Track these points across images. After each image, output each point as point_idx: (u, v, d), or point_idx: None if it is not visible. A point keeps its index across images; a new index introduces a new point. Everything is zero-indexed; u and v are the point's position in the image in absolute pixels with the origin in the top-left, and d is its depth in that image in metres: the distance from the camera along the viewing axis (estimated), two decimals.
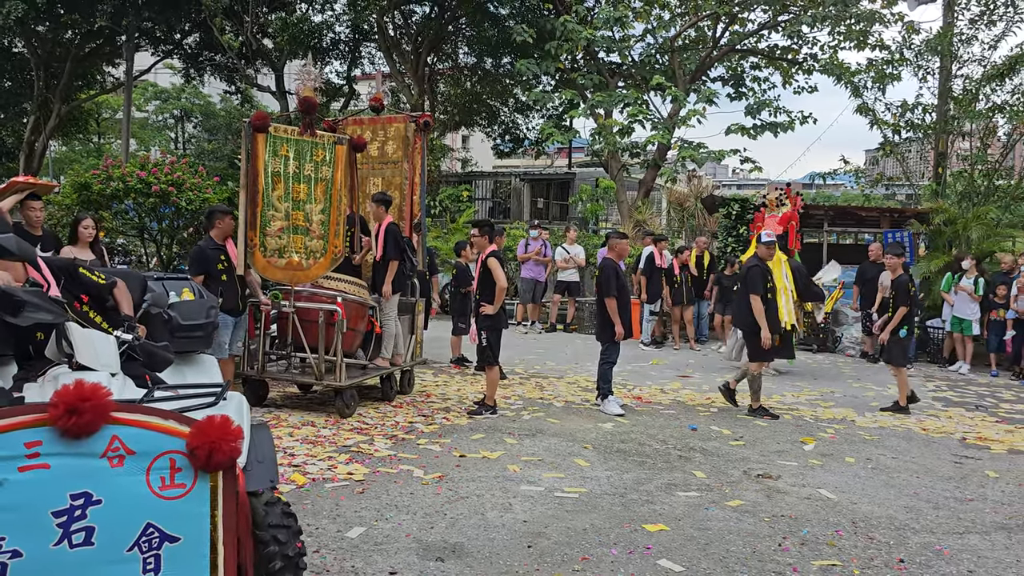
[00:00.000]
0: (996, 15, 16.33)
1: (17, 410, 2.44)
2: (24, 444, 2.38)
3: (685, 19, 18.59)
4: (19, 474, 2.36)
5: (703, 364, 11.75)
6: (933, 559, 4.50)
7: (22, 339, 3.31)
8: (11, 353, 3.34)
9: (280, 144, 7.15)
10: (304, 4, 20.76)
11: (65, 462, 2.41)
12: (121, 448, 2.48)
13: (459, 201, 22.51)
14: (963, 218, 14.37)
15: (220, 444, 2.55)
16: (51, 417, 2.41)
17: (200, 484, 2.58)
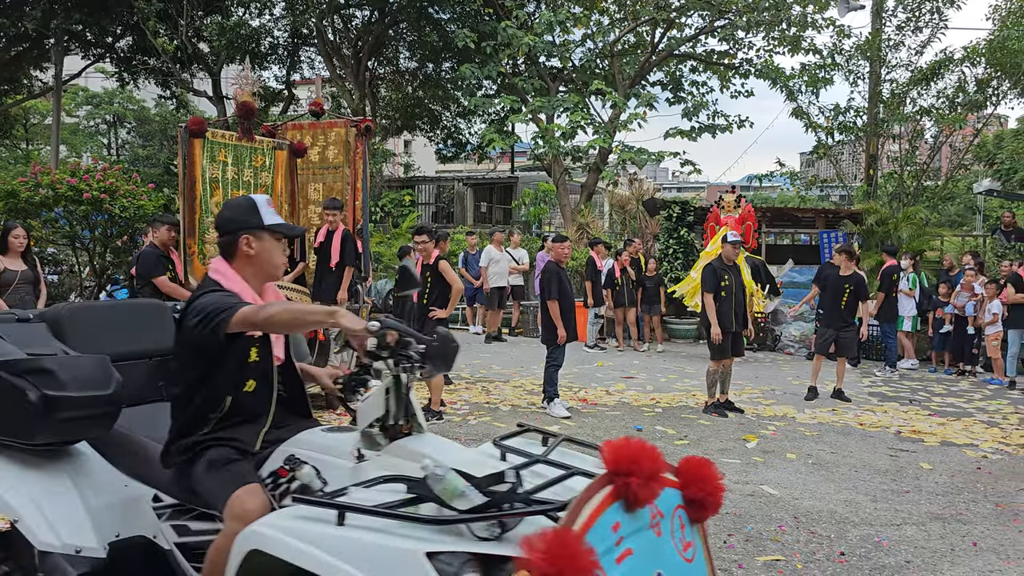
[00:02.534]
0: (922, 22, 16.89)
1: (591, 488, 1.99)
2: (611, 529, 1.97)
3: (624, 24, 18.84)
4: (617, 567, 1.94)
5: (647, 365, 11.88)
6: (872, 551, 4.62)
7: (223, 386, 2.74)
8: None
9: (218, 149, 7.03)
10: (241, 8, 20.41)
11: (640, 541, 2.05)
12: (657, 514, 2.14)
13: (402, 206, 22.39)
14: (894, 218, 14.83)
15: (713, 491, 2.32)
16: (618, 487, 2.02)
17: (697, 539, 2.31)
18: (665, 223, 15.81)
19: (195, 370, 2.70)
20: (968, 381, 11.23)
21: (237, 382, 2.74)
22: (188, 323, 2.64)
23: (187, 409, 2.72)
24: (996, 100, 17.24)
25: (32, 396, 2.63)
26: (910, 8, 16.91)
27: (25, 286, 7.20)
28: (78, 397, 2.68)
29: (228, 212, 2.86)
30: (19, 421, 2.68)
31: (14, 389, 2.66)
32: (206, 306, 2.59)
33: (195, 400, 2.70)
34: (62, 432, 2.76)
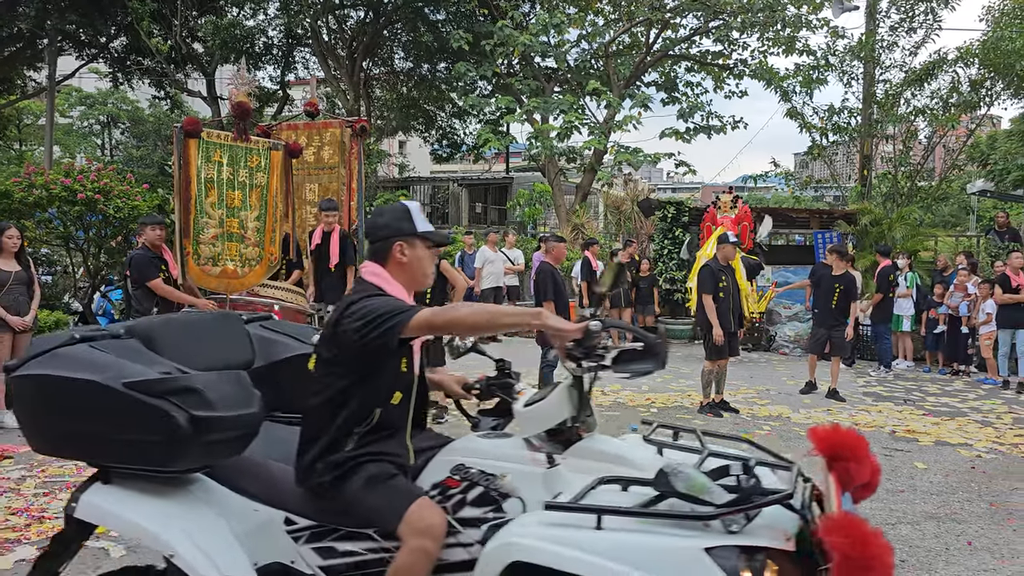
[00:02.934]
0: (916, 22, 16.96)
1: (825, 475, 2.09)
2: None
3: (619, 25, 18.86)
4: None
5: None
6: None
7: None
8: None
9: (213, 150, 7.01)
10: (235, 8, 20.38)
11: None
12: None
13: None
14: (888, 219, 14.87)
15: (874, 471, 2.31)
16: (839, 471, 2.11)
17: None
18: (660, 224, 15.82)
19: (344, 380, 2.55)
20: (962, 381, 11.26)
21: (387, 393, 2.62)
22: (347, 327, 2.49)
23: (332, 422, 2.57)
24: (989, 101, 17.31)
25: (179, 418, 2.35)
26: (904, 9, 16.98)
27: (19, 287, 7.18)
28: (227, 417, 2.44)
29: (381, 218, 2.75)
30: (159, 446, 2.40)
31: (155, 411, 2.36)
32: (374, 309, 2.46)
33: (341, 413, 2.56)
34: (206, 456, 2.51)
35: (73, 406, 2.45)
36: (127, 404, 2.37)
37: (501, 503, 2.44)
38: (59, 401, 2.47)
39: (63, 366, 2.46)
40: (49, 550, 2.62)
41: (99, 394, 2.39)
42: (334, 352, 2.57)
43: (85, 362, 2.47)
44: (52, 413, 2.50)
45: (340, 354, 2.55)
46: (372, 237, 2.75)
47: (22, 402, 2.56)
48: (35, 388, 2.50)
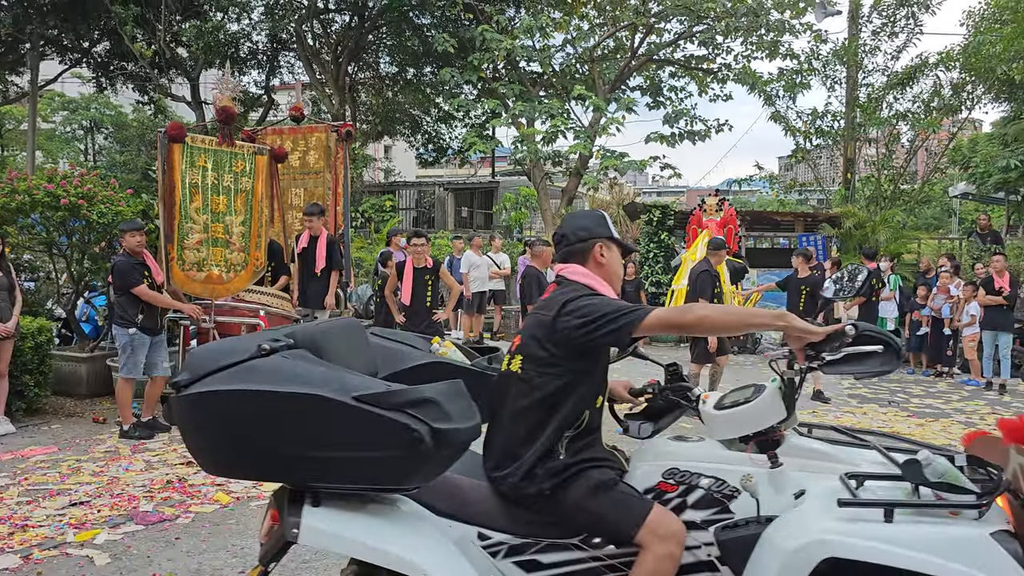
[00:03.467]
0: (897, 27, 17.11)
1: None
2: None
3: (604, 30, 18.91)
4: None
5: (628, 369, 11.90)
6: None
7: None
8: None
9: (198, 155, 6.98)
10: (220, 13, 20.30)
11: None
12: None
13: (383, 211, 22.36)
14: (871, 221, 14.99)
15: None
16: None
17: None
18: (645, 227, 15.88)
19: (560, 379, 2.53)
20: (946, 382, 11.35)
21: (595, 396, 2.61)
22: (566, 325, 2.48)
23: (545, 427, 2.52)
24: (971, 104, 17.50)
25: (422, 432, 2.19)
26: (885, 14, 17.13)
27: (0, 293, 7.12)
28: (461, 429, 2.27)
29: (581, 221, 2.79)
30: (398, 462, 2.24)
31: (394, 425, 2.19)
32: (599, 308, 2.46)
33: (555, 416, 2.53)
34: (436, 471, 2.36)
35: (293, 424, 2.22)
36: (361, 419, 2.19)
37: (727, 504, 2.48)
38: (275, 419, 2.23)
39: (270, 380, 2.23)
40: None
41: (329, 409, 2.19)
42: (550, 351, 2.53)
43: (296, 375, 2.25)
44: (260, 431, 2.24)
45: (558, 353, 2.52)
46: (572, 238, 2.74)
47: (207, 419, 2.27)
48: (233, 404, 2.23)
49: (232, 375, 2.26)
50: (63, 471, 5.88)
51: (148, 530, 4.73)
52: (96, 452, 6.45)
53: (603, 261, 2.71)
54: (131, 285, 6.77)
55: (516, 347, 2.66)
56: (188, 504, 5.19)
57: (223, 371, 2.27)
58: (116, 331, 6.89)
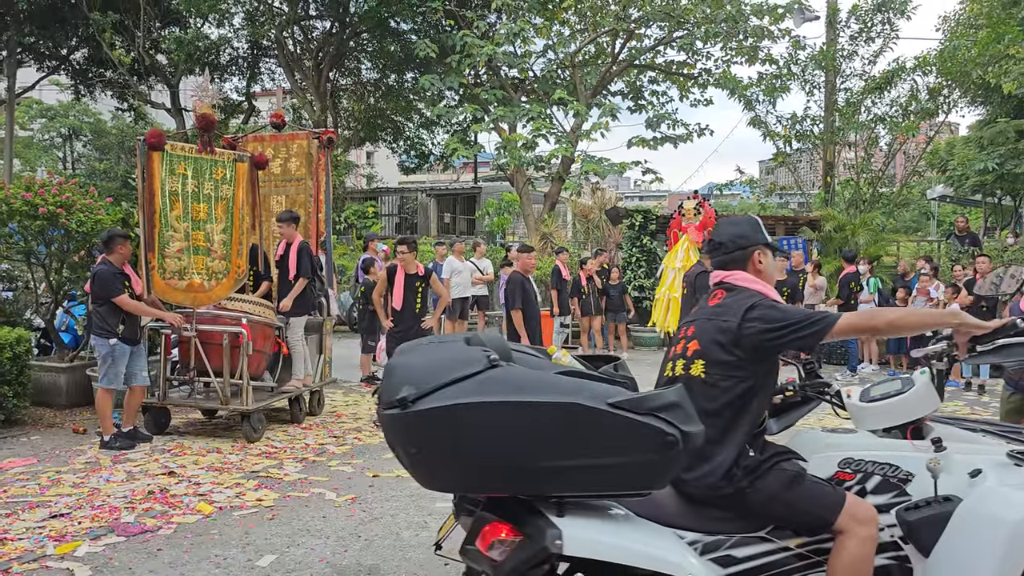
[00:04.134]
0: (874, 32, 17.28)
1: None
2: None
3: (585, 35, 18.99)
4: None
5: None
6: None
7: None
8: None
9: (177, 162, 6.94)
10: (199, 20, 20.22)
11: None
12: None
13: (365, 217, 22.30)
14: (851, 224, 15.11)
15: None
16: None
17: None
18: (628, 232, 15.93)
19: (747, 382, 2.66)
20: None
21: (771, 395, 2.84)
22: (753, 330, 2.63)
23: (737, 427, 2.64)
24: (947, 108, 17.69)
25: (674, 435, 2.23)
26: (862, 19, 17.30)
27: None
28: (699, 432, 2.34)
29: (738, 228, 2.93)
30: (651, 467, 2.28)
31: (649, 430, 2.22)
32: (789, 315, 2.63)
33: (745, 416, 2.66)
34: (676, 473, 2.41)
35: (552, 433, 2.20)
36: (618, 424, 2.20)
37: (904, 487, 2.71)
38: (530, 429, 2.19)
39: (518, 391, 2.20)
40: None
41: (587, 417, 2.19)
42: (737, 355, 2.66)
43: (543, 384, 2.25)
44: (513, 443, 2.20)
45: (744, 357, 2.66)
46: (731, 246, 2.88)
47: (450, 433, 2.19)
48: (482, 417, 2.17)
49: (468, 388, 2.20)
50: (42, 483, 5.83)
51: (129, 541, 4.70)
52: (76, 463, 6.39)
53: (761, 267, 2.88)
54: (112, 295, 6.72)
55: (692, 352, 2.76)
56: (170, 515, 5.15)
57: (454, 384, 2.21)
58: (96, 341, 6.84)
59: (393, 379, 2.27)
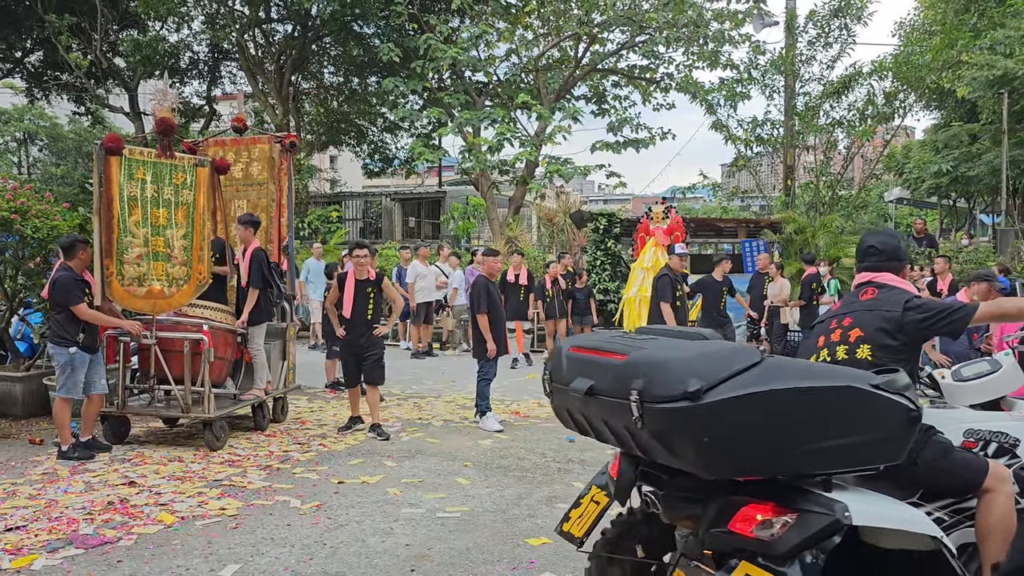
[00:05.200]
0: (832, 37, 17.57)
1: None
2: None
3: (548, 39, 19.07)
4: None
5: None
6: None
7: None
8: None
9: (136, 167, 6.83)
10: (158, 23, 19.93)
11: None
12: None
13: (329, 222, 22.13)
14: (811, 227, 15.32)
15: None
16: None
17: None
18: (592, 235, 16.01)
19: (908, 363, 3.15)
20: None
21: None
22: (913, 319, 3.16)
23: None
24: (903, 112, 18.03)
25: (917, 412, 2.57)
26: (820, 25, 17.57)
27: None
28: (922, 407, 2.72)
29: (897, 241, 3.48)
30: (893, 441, 2.55)
31: (900, 407, 2.53)
32: (939, 306, 3.18)
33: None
34: (909, 446, 2.66)
35: (833, 415, 2.45)
36: (882, 404, 2.50)
37: (1015, 451, 3.21)
38: (818, 413, 2.43)
39: (800, 378, 2.44)
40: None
41: (862, 398, 2.47)
42: (900, 340, 3.17)
43: (812, 372, 2.56)
44: (804, 427, 2.42)
45: (906, 342, 3.17)
46: (891, 254, 3.43)
47: (746, 421, 2.37)
48: (769, 404, 2.37)
49: (751, 378, 2.40)
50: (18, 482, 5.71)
51: (88, 554, 4.61)
52: (33, 474, 6.26)
53: (903, 273, 3.47)
54: (71, 302, 6.59)
55: (855, 339, 3.23)
56: (130, 526, 5.07)
57: (739, 375, 2.40)
58: (54, 350, 6.70)
59: (666, 374, 2.42)
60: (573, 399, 2.77)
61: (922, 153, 22.83)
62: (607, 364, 2.65)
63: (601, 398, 2.62)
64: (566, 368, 2.87)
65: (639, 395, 2.43)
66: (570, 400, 2.82)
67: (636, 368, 2.49)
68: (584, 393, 2.66)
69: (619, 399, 2.50)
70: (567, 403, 2.87)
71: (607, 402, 2.60)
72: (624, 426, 2.55)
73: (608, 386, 2.59)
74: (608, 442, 2.77)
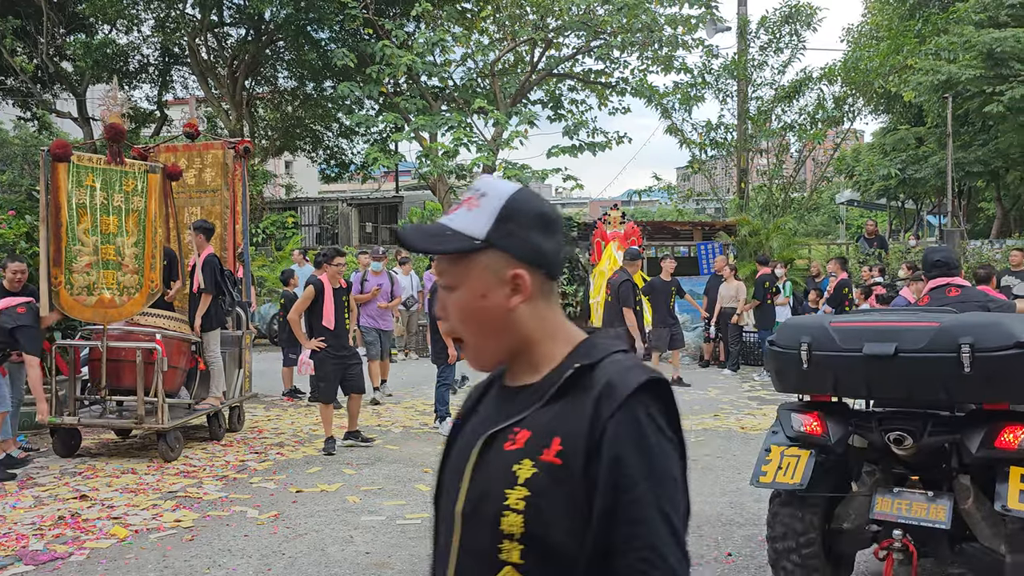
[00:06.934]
0: (782, 43, 17.87)
1: None
2: None
3: (503, 44, 19.10)
4: None
5: None
6: (756, 550, 4.80)
7: None
8: None
9: (85, 174, 6.70)
10: (107, 26, 19.53)
11: None
12: None
13: (284, 228, 21.89)
14: (765, 229, 15.56)
15: None
16: None
17: None
18: None
19: None
20: None
21: None
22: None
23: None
24: (852, 116, 18.40)
25: None
26: (771, 30, 17.87)
27: None
28: None
29: (954, 253, 4.56)
30: None
31: None
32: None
33: None
34: None
35: None
36: None
37: None
38: None
39: None
40: None
41: None
42: None
43: None
44: None
45: None
46: (954, 263, 4.57)
47: None
48: None
49: None
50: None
51: (39, 570, 4.49)
52: None
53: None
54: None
55: None
56: (82, 540, 4.95)
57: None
58: None
59: (996, 332, 3.31)
60: (855, 360, 3.51)
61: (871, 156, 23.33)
62: (916, 329, 3.45)
63: (912, 355, 3.38)
64: (840, 339, 3.58)
65: (972, 348, 3.23)
66: (851, 362, 3.54)
67: (964, 328, 3.34)
68: (892, 354, 3.40)
69: (943, 354, 3.31)
70: (841, 365, 3.60)
71: (919, 358, 3.38)
72: (938, 376, 3.38)
73: (925, 345, 3.37)
74: (876, 396, 3.81)
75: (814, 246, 19.11)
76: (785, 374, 3.85)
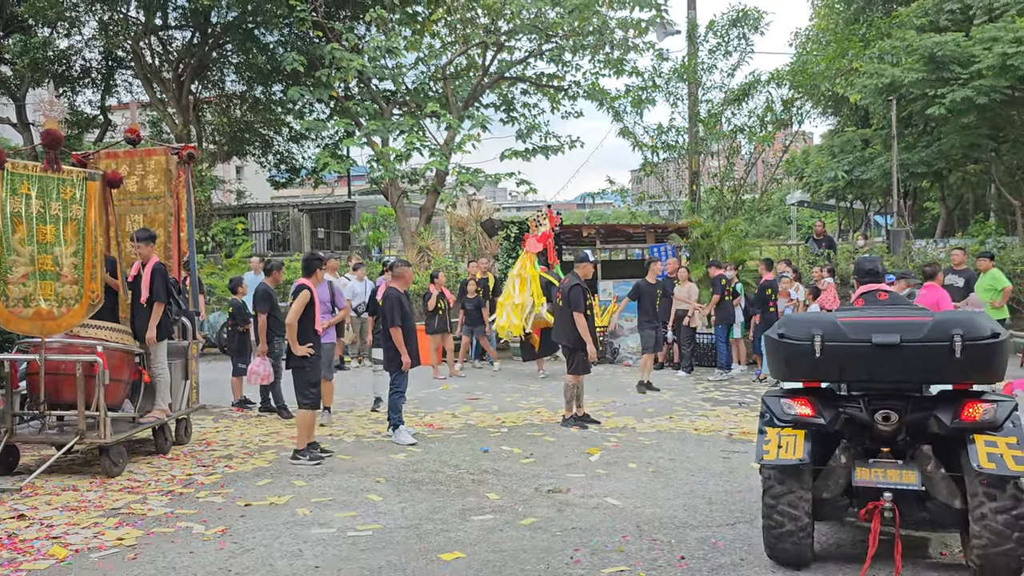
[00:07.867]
0: (731, 47, 18.09)
1: None
2: None
3: (455, 48, 19.04)
4: None
5: (492, 386, 11.95)
6: (710, 552, 4.80)
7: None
8: None
9: (20, 182, 6.47)
10: (47, 28, 19.01)
11: None
12: None
13: (234, 235, 21.53)
14: (717, 231, 15.70)
15: None
16: None
17: None
18: (504, 243, 16.02)
19: None
20: None
21: None
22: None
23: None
24: (800, 118, 18.70)
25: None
26: (719, 34, 18.08)
27: None
28: None
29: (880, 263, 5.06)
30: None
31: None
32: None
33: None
34: None
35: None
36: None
37: None
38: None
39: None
40: None
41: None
42: None
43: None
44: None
45: None
46: (883, 272, 5.08)
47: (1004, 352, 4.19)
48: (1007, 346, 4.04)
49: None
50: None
51: None
52: None
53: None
54: None
55: None
56: (19, 562, 4.76)
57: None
58: None
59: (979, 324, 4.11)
60: (863, 349, 4.20)
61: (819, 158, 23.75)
62: (915, 323, 4.20)
63: (914, 344, 4.11)
64: (850, 332, 4.25)
65: (962, 338, 4.02)
66: (859, 351, 4.22)
67: (953, 322, 4.13)
68: (898, 343, 4.12)
69: (939, 342, 4.07)
70: (850, 354, 4.26)
71: (919, 346, 4.11)
72: (933, 360, 4.11)
73: (924, 336, 4.11)
74: (876, 380, 4.34)
75: (765, 247, 19.36)
76: (795, 363, 4.42)
